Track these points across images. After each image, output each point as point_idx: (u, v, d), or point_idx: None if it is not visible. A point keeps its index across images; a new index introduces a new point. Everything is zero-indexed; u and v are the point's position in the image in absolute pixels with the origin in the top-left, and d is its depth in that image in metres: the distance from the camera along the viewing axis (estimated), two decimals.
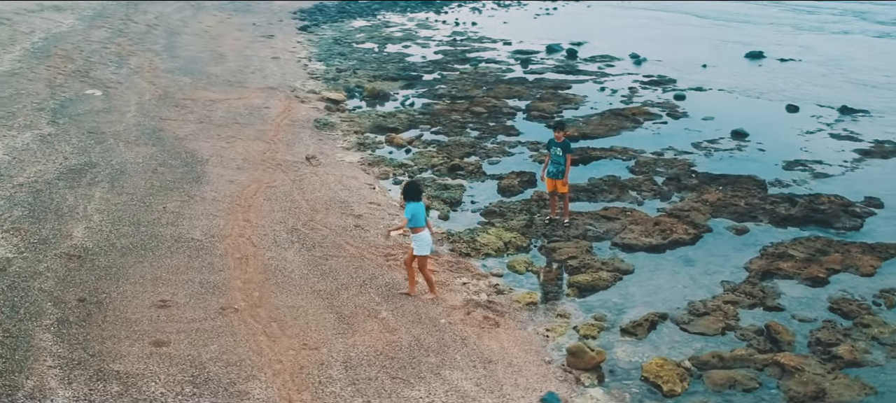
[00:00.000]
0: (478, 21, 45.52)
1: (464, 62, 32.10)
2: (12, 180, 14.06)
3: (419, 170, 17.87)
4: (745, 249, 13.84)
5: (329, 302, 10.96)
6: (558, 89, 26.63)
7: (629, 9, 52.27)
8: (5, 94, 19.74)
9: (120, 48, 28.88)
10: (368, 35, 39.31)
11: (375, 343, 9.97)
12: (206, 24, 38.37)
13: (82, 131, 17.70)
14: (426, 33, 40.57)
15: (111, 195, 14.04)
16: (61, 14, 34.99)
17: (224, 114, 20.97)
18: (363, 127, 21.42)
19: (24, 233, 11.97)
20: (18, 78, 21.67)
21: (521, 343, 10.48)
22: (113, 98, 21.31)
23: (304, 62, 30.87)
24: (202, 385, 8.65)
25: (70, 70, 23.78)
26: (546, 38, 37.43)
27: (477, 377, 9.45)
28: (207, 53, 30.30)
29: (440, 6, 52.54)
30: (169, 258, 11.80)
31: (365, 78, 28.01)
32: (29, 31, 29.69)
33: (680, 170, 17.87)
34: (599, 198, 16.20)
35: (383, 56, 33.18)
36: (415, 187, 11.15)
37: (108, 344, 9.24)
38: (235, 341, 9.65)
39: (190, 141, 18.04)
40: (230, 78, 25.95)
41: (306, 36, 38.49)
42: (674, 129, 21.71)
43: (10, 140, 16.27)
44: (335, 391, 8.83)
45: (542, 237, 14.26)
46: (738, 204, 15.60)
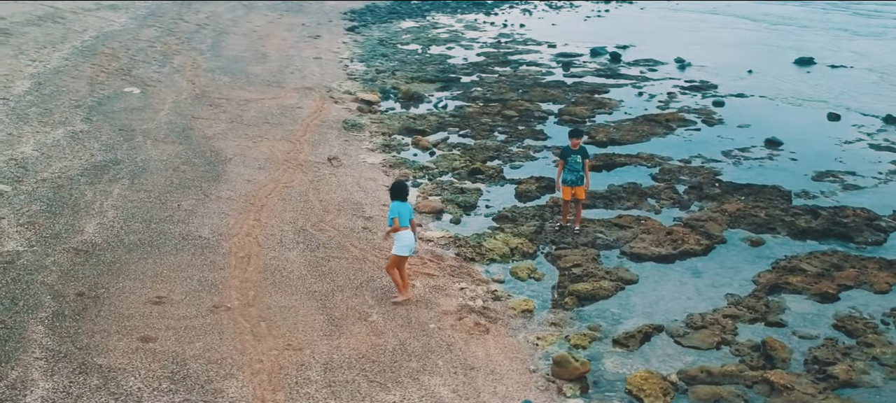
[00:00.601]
0: (526, 23, 45.35)
1: (504, 64, 32.02)
2: (37, 175, 14.55)
3: (440, 172, 17.93)
4: (757, 262, 13.54)
5: (322, 303, 11.09)
6: (595, 93, 26.38)
7: (682, 11, 51.44)
8: (46, 92, 20.43)
9: (166, 47, 29.61)
10: (414, 36, 39.51)
11: (360, 346, 10.06)
12: (256, 24, 39.05)
13: (114, 128, 18.22)
14: (472, 35, 40.58)
15: (129, 192, 14.43)
16: (116, 13, 36.00)
17: (256, 114, 21.33)
18: (391, 128, 21.57)
19: (37, 228, 12.40)
20: (62, 75, 22.40)
21: (509, 351, 10.45)
22: (150, 96, 21.88)
23: (346, 63, 31.19)
24: (180, 381, 8.86)
25: (113, 68, 24.49)
26: (592, 40, 37.07)
27: (455, 383, 9.47)
28: (251, 53, 30.85)
29: (490, 8, 52.50)
30: (173, 255, 12.09)
31: (403, 79, 28.17)
32: (82, 29, 30.64)
33: (704, 178, 17.55)
34: (616, 205, 16.02)
35: (425, 57, 33.31)
36: (401, 186, 11.14)
37: (97, 338, 9.52)
38: (221, 339, 9.84)
39: (217, 140, 18.41)
40: (269, 78, 26.38)
41: (353, 37, 38.87)
42: (706, 137, 21.31)
43: (43, 136, 16.84)
44: (310, 392, 8.95)
45: (550, 244, 14.17)
46: (758, 215, 15.26)
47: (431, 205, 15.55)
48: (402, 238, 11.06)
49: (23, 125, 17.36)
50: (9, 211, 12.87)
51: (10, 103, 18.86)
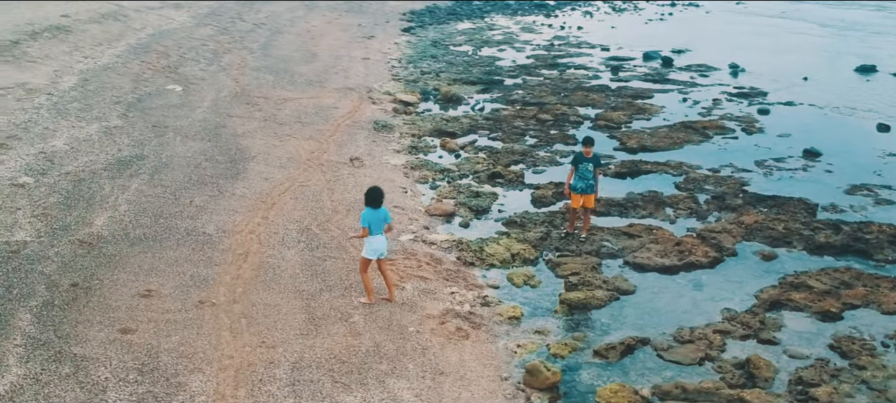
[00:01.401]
0: (585, 25, 44.91)
1: (552, 67, 31.82)
2: (61, 168, 15.17)
3: (460, 175, 17.97)
4: (765, 276, 13.18)
5: (307, 302, 11.26)
6: (637, 99, 26.00)
7: (748, 15, 50.12)
8: (91, 88, 21.24)
9: (218, 46, 30.41)
10: (468, 38, 39.56)
11: (334, 347, 10.18)
12: (313, 24, 39.72)
13: (147, 125, 18.83)
14: (527, 37, 40.42)
15: (147, 187, 14.90)
16: (177, 12, 37.14)
17: (291, 113, 21.73)
18: (422, 130, 21.68)
19: (49, 219, 12.92)
20: (110, 72, 23.25)
21: (484, 358, 10.42)
22: (191, 94, 22.52)
23: (393, 64, 31.46)
24: (147, 373, 9.13)
25: (161, 65, 25.28)
26: (648, 44, 36.49)
27: (421, 388, 9.50)
28: (301, 53, 31.41)
29: (552, 9, 52.16)
30: (173, 250, 12.44)
31: (446, 81, 28.27)
32: (140, 27, 31.73)
33: (729, 188, 17.13)
34: (631, 213, 15.79)
35: (474, 59, 33.34)
36: (373, 194, 11.17)
37: (80, 328, 9.88)
38: (198, 334, 10.10)
39: (245, 138, 18.83)
40: (313, 77, 26.83)
41: (407, 38, 39.16)
42: (743, 145, 20.79)
43: (77, 131, 17.52)
44: (272, 390, 9.11)
45: (554, 250, 14.05)
46: (776, 228, 14.83)
47: (442, 209, 15.59)
48: (370, 242, 11.16)
49: (60, 120, 18.10)
50: (27, 202, 13.44)
51: (54, 98, 19.67)
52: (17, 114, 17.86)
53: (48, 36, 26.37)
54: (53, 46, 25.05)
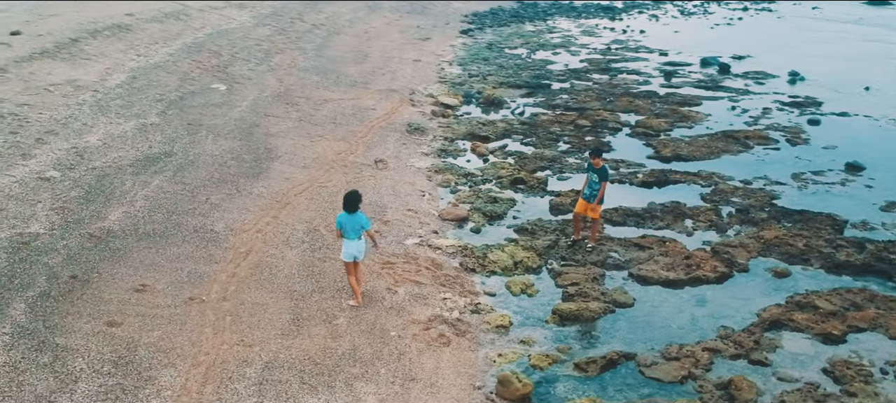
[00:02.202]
0: (648, 29, 44.10)
1: (604, 72, 31.39)
2: (89, 163, 15.77)
3: (483, 180, 17.94)
4: (773, 294, 12.78)
5: (295, 303, 11.44)
6: (684, 106, 25.44)
7: (823, 21, 48.35)
8: (137, 85, 22.00)
9: (272, 46, 31.05)
10: (525, 41, 39.34)
11: (311, 348, 10.33)
12: (372, 25, 40.13)
13: (183, 123, 19.39)
14: (585, 40, 39.95)
15: (168, 183, 15.36)
16: (240, 11, 38.06)
17: (328, 114, 22.05)
18: (456, 133, 21.72)
19: (66, 213, 13.47)
20: (159, 70, 24.02)
21: (461, 366, 10.42)
22: (234, 93, 23.08)
23: (443, 66, 31.54)
24: (122, 366, 9.45)
25: (211, 65, 25.98)
26: (708, 50, 35.62)
27: (387, 393, 9.56)
28: (353, 53, 31.79)
29: (617, 12, 51.42)
30: (178, 246, 12.81)
31: (491, 84, 28.21)
32: (200, 26, 32.65)
33: (757, 201, 16.64)
34: (648, 224, 15.49)
35: (526, 62, 33.16)
36: (350, 198, 11.26)
37: (68, 320, 10.29)
38: (181, 329, 10.38)
39: (276, 137, 19.20)
40: (359, 78, 27.14)
41: (464, 40, 39.19)
42: (783, 157, 20.14)
43: (113, 127, 18.18)
44: (238, 388, 9.31)
45: (559, 259, 13.91)
46: (795, 245, 14.34)
47: (455, 213, 15.60)
48: (345, 245, 11.30)
49: (100, 116, 18.81)
50: (49, 196, 14.03)
51: (99, 95, 20.45)
52: (60, 110, 18.63)
53: (108, 34, 27.37)
54: (110, 44, 26.01)
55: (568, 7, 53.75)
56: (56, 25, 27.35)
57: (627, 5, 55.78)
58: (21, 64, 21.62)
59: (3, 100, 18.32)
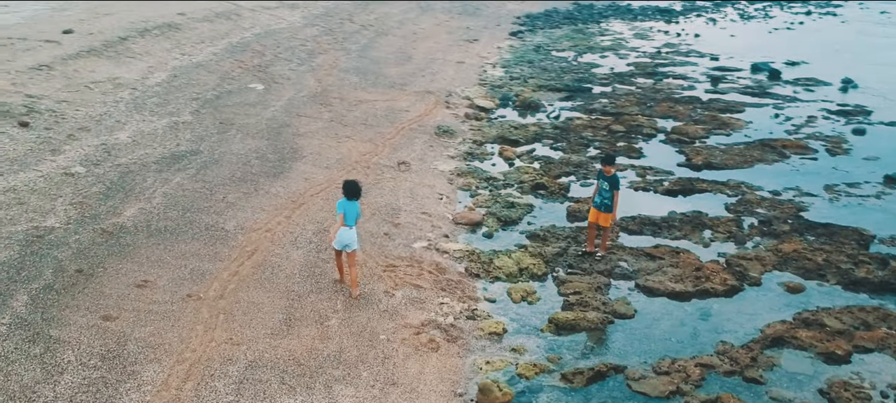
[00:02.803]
0: (704, 33, 43.26)
1: (650, 76, 30.93)
2: (115, 160, 16.23)
3: (505, 184, 17.87)
4: (782, 310, 12.42)
5: (291, 303, 11.58)
6: (725, 112, 24.90)
7: (890, 26, 46.67)
8: (176, 84, 22.54)
9: (317, 46, 31.46)
10: (574, 43, 39.01)
11: (297, 349, 10.45)
12: (421, 26, 40.31)
13: (215, 122, 19.80)
14: (637, 43, 39.40)
15: (188, 181, 15.70)
16: (291, 12, 38.65)
17: (360, 115, 22.24)
18: (486, 136, 21.67)
19: (83, 208, 13.89)
20: (200, 69, 24.58)
21: (445, 372, 10.41)
22: (270, 92, 23.46)
23: (485, 68, 31.50)
24: (108, 360, 9.71)
25: (253, 64, 26.46)
26: (762, 55, 34.78)
27: (365, 397, 9.61)
28: (397, 55, 31.99)
29: (674, 16, 50.55)
30: (186, 243, 13.09)
31: (531, 87, 28.07)
32: (249, 26, 33.27)
33: (782, 213, 16.19)
34: (664, 234, 15.22)
35: (571, 65, 32.89)
36: (351, 186, 11.59)
37: (66, 312, 10.61)
38: (173, 326, 10.61)
39: (304, 138, 19.45)
40: (397, 80, 27.31)
41: (512, 42, 39.07)
42: (819, 167, 19.55)
43: (145, 125, 18.67)
44: (218, 386, 9.47)
45: (566, 267, 13.77)
46: (814, 259, 13.91)
47: (469, 218, 15.58)
48: (340, 233, 11.57)
49: (134, 114, 19.34)
50: (71, 191, 14.50)
51: (137, 93, 21.03)
52: (97, 107, 19.21)
53: (157, 33, 28.10)
54: (157, 43, 26.71)
55: (624, 9, 53.13)
56: (108, 24, 28.21)
57: (686, 8, 54.86)
58: (67, 61, 22.35)
59: (44, 96, 18.97)
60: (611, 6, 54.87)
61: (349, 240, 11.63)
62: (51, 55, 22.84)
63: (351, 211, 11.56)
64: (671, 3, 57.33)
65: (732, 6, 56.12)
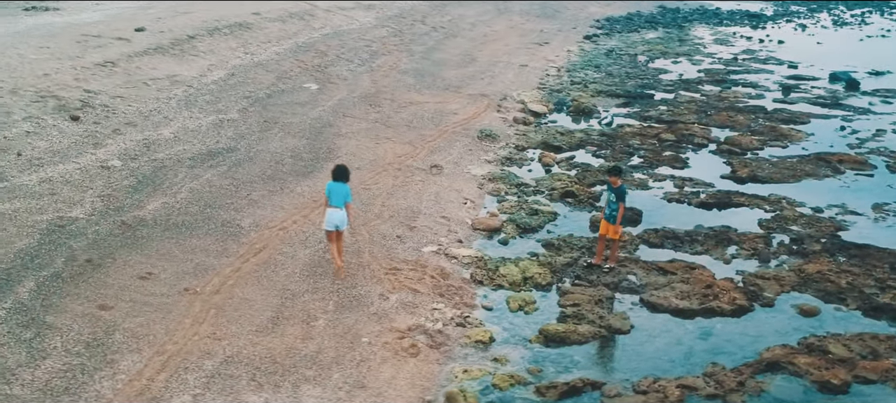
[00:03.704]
0: (790, 39, 41.72)
1: (719, 84, 30.06)
2: (152, 155, 16.91)
3: (535, 190, 17.74)
4: (789, 333, 11.92)
5: (283, 301, 11.83)
6: (788, 123, 24.01)
7: None
8: (232, 82, 23.28)
9: (382, 47, 31.88)
10: (649, 48, 38.24)
11: (277, 347, 10.67)
12: (494, 28, 40.29)
13: (260, 120, 20.36)
14: (714, 49, 38.35)
15: (217, 178, 16.20)
16: (366, 12, 39.24)
17: (406, 116, 22.45)
18: (530, 142, 21.54)
19: (110, 200, 14.54)
20: (259, 68, 25.29)
21: (418, 379, 10.43)
22: (323, 92, 23.95)
23: (549, 71, 31.25)
24: (92, 348, 10.15)
25: (313, 64, 27.05)
26: (846, 63, 33.28)
27: (331, 399, 9.74)
28: (461, 57, 32.09)
29: (762, 21, 48.83)
30: (198, 238, 13.53)
31: (591, 92, 27.70)
32: (319, 27, 33.99)
33: (817, 231, 15.51)
34: (685, 248, 14.82)
35: (638, 71, 32.26)
36: (340, 169, 12.48)
37: (66, 300, 11.15)
38: (163, 318, 11.00)
39: (344, 138, 19.78)
40: (454, 82, 27.40)
41: (584, 45, 38.61)
42: (874, 184, 18.65)
43: (191, 121, 19.37)
44: (188, 379, 9.78)
45: (574, 278, 13.58)
46: (837, 282, 13.28)
47: (487, 224, 15.54)
48: (328, 214, 12.26)
49: (183, 111, 20.08)
50: (102, 183, 15.19)
51: (191, 90, 21.82)
52: (148, 103, 20.04)
53: (226, 32, 29.03)
54: (223, 42, 27.61)
55: (711, 13, 51.74)
56: (182, 23, 29.29)
57: (777, 13, 52.92)
58: (132, 59, 23.37)
59: (100, 92, 19.91)
60: (698, 10, 53.52)
61: (339, 221, 12.31)
62: (118, 52, 23.89)
63: (338, 193, 12.25)
64: (763, 7, 55.41)
65: (828, 11, 53.80)
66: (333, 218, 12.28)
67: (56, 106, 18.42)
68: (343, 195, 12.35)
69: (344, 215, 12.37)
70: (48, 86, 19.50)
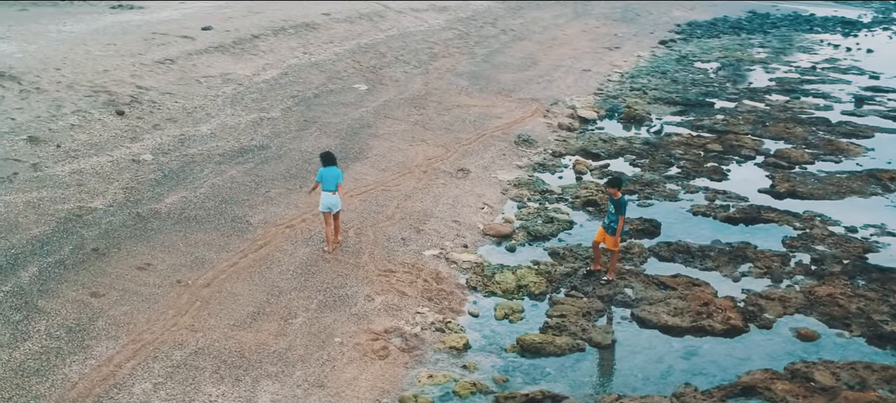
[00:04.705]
0: (881, 48, 39.75)
1: (788, 93, 28.95)
2: (185, 150, 17.59)
3: (558, 198, 17.58)
4: (780, 358, 11.47)
5: (268, 297, 12.14)
6: (847, 137, 22.91)
7: None
8: (282, 81, 23.95)
9: (444, 49, 32.09)
10: (725, 54, 37.09)
11: (248, 342, 10.99)
12: (566, 32, 39.91)
13: (300, 119, 20.88)
14: (795, 57, 36.90)
15: (242, 174, 16.72)
16: (438, 14, 39.58)
17: (448, 119, 22.57)
18: (568, 148, 21.33)
19: (132, 193, 15.23)
20: (313, 69, 25.91)
21: (380, 381, 10.54)
22: (371, 93, 24.33)
23: (612, 77, 30.74)
24: (73, 332, 10.69)
25: (368, 65, 27.50)
26: None
27: (285, 395, 9.96)
28: (523, 61, 31.94)
29: (856, 28, 46.57)
30: (205, 232, 14.02)
31: (649, 99, 27.15)
32: (387, 28, 34.50)
33: (842, 252, 14.81)
34: (695, 263, 14.41)
35: (705, 78, 31.38)
36: (327, 155, 13.53)
37: (62, 286, 11.77)
38: (148, 308, 11.48)
39: (378, 139, 20.06)
40: (508, 86, 27.34)
41: (658, 50, 37.77)
42: None
43: (231, 119, 20.05)
44: (154, 368, 10.19)
45: (570, 288, 13.42)
46: (846, 306, 12.67)
47: (497, 230, 15.51)
48: (323, 197, 13.26)
49: (226, 108, 20.79)
50: (129, 176, 15.93)
51: (240, 88, 22.58)
52: (195, 100, 20.85)
53: (291, 32, 29.87)
54: (285, 42, 28.40)
55: (803, 19, 49.67)
56: (250, 22, 30.30)
57: (876, 20, 50.39)
58: (191, 57, 24.34)
59: (151, 88, 20.85)
60: (789, 15, 51.50)
61: (332, 203, 13.31)
62: (180, 50, 24.93)
63: (329, 177, 13.23)
64: (862, 14, 52.87)
65: None
66: (327, 200, 13.27)
67: (106, 101, 19.37)
68: (335, 178, 13.31)
69: (337, 198, 13.36)
70: (104, 81, 20.52)
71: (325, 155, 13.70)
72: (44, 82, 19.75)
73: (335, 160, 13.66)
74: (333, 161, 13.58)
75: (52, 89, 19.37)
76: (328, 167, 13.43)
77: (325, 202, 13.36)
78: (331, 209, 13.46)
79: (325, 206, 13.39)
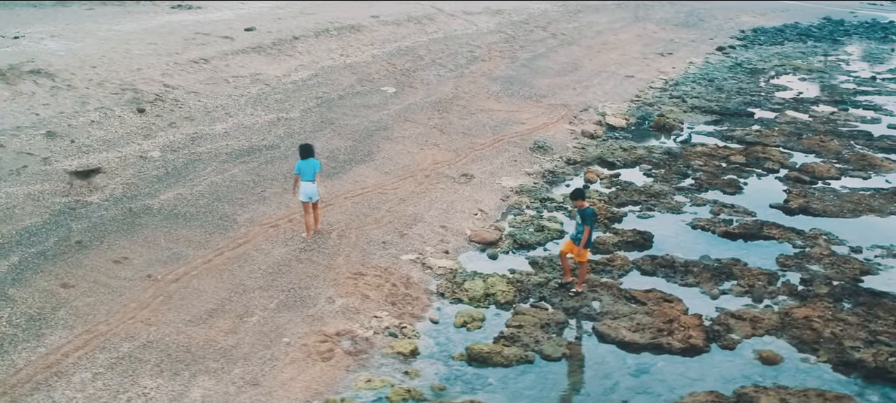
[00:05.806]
0: None
1: (836, 104, 27.88)
2: (193, 149, 18.14)
3: (557, 206, 17.42)
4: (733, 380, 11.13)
5: (230, 295, 12.44)
6: (885, 152, 21.97)
7: None
8: (311, 83, 24.39)
9: (486, 52, 32.07)
10: (781, 62, 35.92)
11: (198, 337, 11.30)
12: (619, 37, 39.35)
13: (317, 120, 21.25)
14: (857, 66, 35.44)
15: (243, 173, 17.16)
16: (490, 17, 39.53)
17: (469, 124, 22.60)
18: (585, 156, 21.09)
19: (130, 188, 15.81)
20: (345, 70, 26.29)
21: (317, 383, 10.69)
22: (398, 96, 24.55)
23: (654, 84, 30.19)
24: (33, 321, 11.20)
25: (402, 68, 27.73)
26: None
27: (217, 392, 10.21)
28: (565, 66, 31.67)
29: None
30: (189, 229, 14.46)
31: (686, 107, 26.57)
32: (433, 30, 34.66)
33: (837, 274, 14.25)
34: (676, 278, 14.10)
35: (752, 87, 30.48)
36: (306, 147, 14.20)
37: (36, 276, 12.33)
38: (112, 300, 11.92)
39: (390, 142, 20.24)
40: (540, 91, 27.17)
41: (712, 57, 36.87)
42: None
43: (249, 119, 20.56)
44: (98, 358, 10.59)
45: (539, 298, 13.32)
46: (821, 331, 12.20)
47: (483, 236, 15.50)
48: (302, 187, 13.99)
49: (247, 108, 21.32)
50: (132, 172, 16.54)
51: (267, 89, 23.10)
52: (218, 100, 21.45)
53: (333, 34, 30.33)
54: (324, 43, 28.87)
55: (880, 27, 47.59)
56: (296, 24, 30.88)
57: None
58: (226, 57, 25.02)
59: (178, 86, 21.56)
60: (866, 23, 49.39)
61: (311, 193, 14.08)
62: (217, 50, 25.64)
63: (307, 168, 13.97)
64: None
65: None
66: (307, 190, 14.03)
67: (131, 98, 20.10)
68: (312, 169, 14.04)
69: (316, 187, 14.11)
70: (133, 80, 21.30)
71: (304, 147, 14.28)
72: (76, 80, 20.62)
73: (313, 152, 14.37)
74: (311, 153, 14.24)
75: (82, 86, 20.22)
76: (306, 159, 14.06)
77: (304, 191, 14.06)
78: (310, 198, 14.16)
79: (306, 196, 14.08)
